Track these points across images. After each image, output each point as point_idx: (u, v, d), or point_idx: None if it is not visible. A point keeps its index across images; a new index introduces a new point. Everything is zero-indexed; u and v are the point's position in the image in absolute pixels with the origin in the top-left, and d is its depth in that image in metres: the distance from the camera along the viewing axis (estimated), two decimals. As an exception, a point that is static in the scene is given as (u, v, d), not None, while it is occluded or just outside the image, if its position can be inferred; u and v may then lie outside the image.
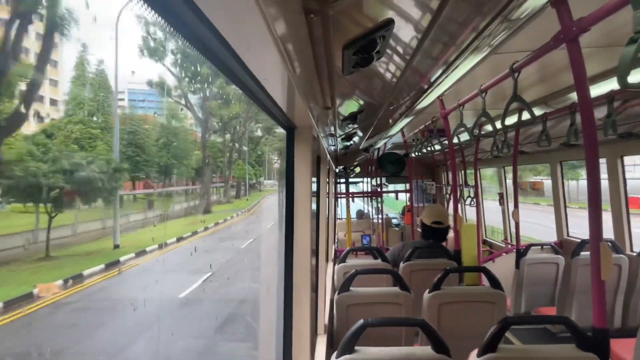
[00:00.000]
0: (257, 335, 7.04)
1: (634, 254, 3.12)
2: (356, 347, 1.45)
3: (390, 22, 0.81)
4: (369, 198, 7.71)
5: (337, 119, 2.05)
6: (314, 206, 2.07)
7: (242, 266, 11.97)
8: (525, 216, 4.44)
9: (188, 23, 0.58)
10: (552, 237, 4.35)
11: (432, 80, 1.54)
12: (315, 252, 2.99)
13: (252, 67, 0.85)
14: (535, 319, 2.90)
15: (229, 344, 6.76)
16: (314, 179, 2.33)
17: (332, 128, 2.37)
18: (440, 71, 1.40)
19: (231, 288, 9.69)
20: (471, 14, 0.94)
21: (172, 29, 0.57)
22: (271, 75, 0.92)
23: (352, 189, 8.62)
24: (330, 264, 4.81)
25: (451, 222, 3.30)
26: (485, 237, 6.07)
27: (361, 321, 1.49)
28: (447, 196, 6.02)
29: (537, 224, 11.92)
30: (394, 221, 8.58)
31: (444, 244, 3.27)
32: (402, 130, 4.08)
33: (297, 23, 0.70)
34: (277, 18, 0.61)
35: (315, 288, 2.65)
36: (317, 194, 3.43)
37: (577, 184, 16.45)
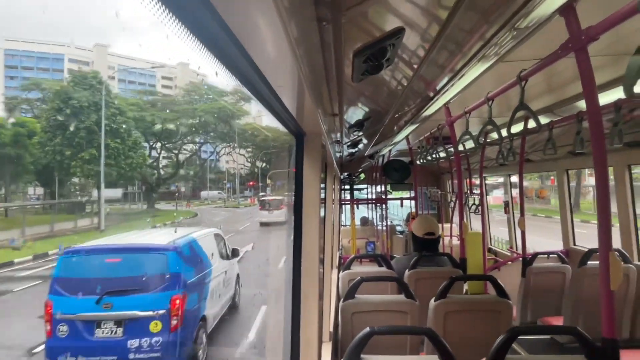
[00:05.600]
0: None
1: None
2: (362, 356, 1.44)
3: (401, 30, 0.82)
4: (374, 205, 7.69)
5: (343, 126, 2.06)
6: (322, 213, 2.07)
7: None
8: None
9: (211, 32, 0.59)
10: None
11: (438, 88, 1.55)
12: (322, 260, 2.99)
13: (268, 75, 0.86)
14: (544, 329, 2.86)
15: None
16: (322, 186, 2.34)
17: (339, 135, 2.38)
18: (447, 79, 1.41)
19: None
20: (479, 23, 0.95)
21: (196, 39, 0.58)
22: (285, 82, 0.94)
23: (356, 195, 8.60)
24: (335, 270, 4.80)
25: (455, 231, 3.28)
26: (491, 245, 6.03)
27: (367, 329, 1.48)
28: (452, 204, 6.00)
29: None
30: (398, 228, 8.55)
31: (448, 251, 3.25)
32: (407, 137, 4.08)
33: (310, 30, 0.71)
34: (293, 25, 0.62)
35: (321, 295, 2.65)
36: (324, 201, 3.42)
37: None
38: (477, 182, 4.90)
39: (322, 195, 2.48)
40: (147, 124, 26.83)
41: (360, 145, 3.61)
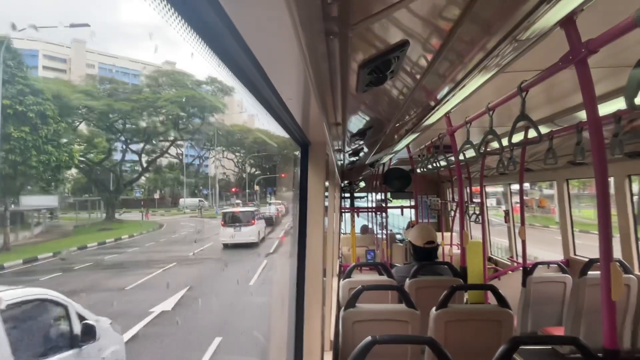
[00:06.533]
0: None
1: None
2: None
3: (405, 43, 0.84)
4: (374, 213, 7.69)
5: (346, 135, 2.08)
6: (326, 222, 2.08)
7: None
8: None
9: (228, 48, 0.61)
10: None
11: (440, 98, 1.57)
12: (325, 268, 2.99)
13: (278, 86, 0.88)
14: (545, 339, 2.85)
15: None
16: (326, 194, 2.34)
17: (341, 143, 2.39)
18: (448, 89, 1.43)
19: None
20: (481, 35, 0.97)
21: (212, 52, 0.59)
22: (293, 93, 0.95)
23: (356, 203, 8.60)
24: (335, 279, 4.78)
25: (455, 240, 3.28)
26: (491, 254, 6.02)
27: (369, 338, 1.48)
28: (452, 212, 6.00)
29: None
30: (398, 237, 8.53)
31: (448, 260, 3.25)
32: (408, 146, 4.10)
33: (318, 43, 0.73)
34: (303, 38, 0.63)
35: (324, 304, 2.65)
36: (326, 209, 3.43)
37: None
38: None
39: (326, 204, 2.49)
40: (102, 115, 20.86)
41: (362, 154, 3.63)
